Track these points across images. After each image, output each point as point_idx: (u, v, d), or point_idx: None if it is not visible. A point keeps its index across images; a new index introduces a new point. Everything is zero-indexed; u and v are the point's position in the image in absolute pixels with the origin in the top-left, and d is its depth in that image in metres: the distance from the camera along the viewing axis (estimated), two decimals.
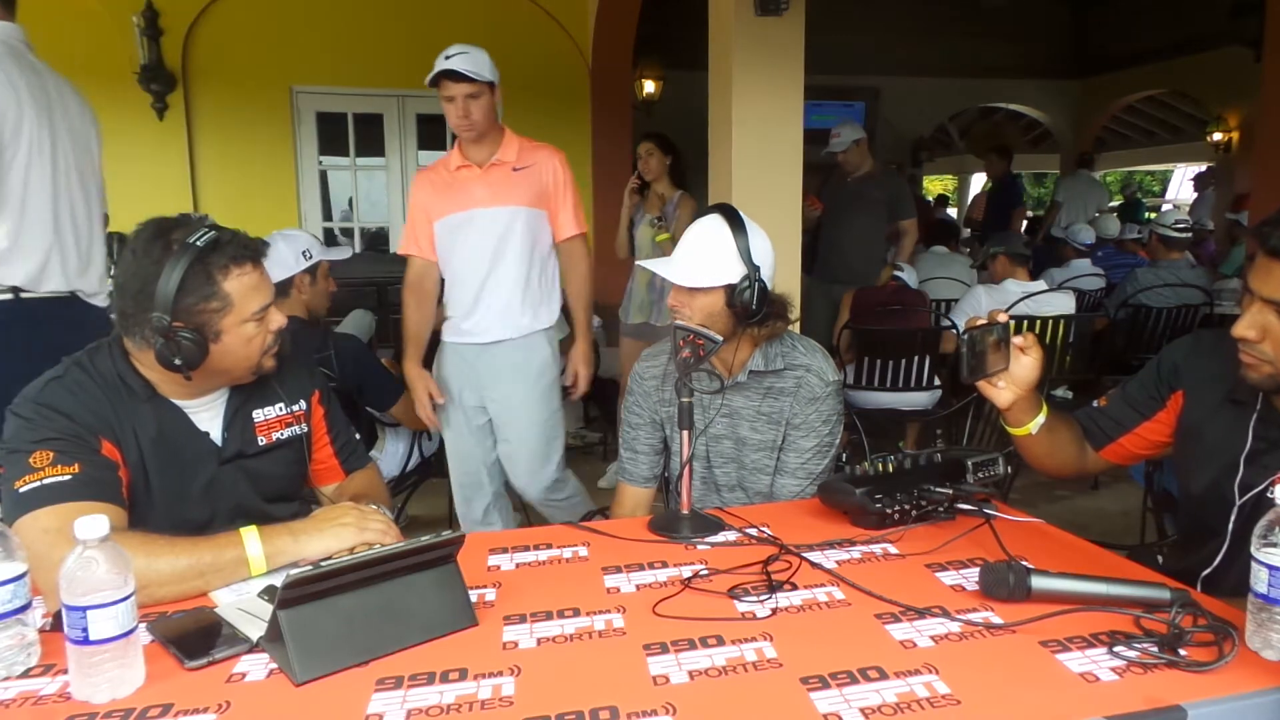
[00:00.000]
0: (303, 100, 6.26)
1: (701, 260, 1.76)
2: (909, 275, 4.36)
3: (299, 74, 6.14)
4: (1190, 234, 5.09)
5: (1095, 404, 1.65)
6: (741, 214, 1.79)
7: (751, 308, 1.74)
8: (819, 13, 3.31)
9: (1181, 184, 16.33)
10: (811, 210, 4.66)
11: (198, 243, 1.40)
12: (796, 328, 2.01)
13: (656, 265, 1.83)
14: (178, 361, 1.39)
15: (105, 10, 5.54)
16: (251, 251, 1.47)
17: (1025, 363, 1.46)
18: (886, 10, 9.15)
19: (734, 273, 1.74)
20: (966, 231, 8.84)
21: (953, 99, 10.86)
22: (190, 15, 5.77)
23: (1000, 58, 10.02)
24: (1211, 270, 5.96)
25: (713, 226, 1.78)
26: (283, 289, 2.57)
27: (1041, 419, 1.53)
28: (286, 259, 2.58)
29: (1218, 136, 9.23)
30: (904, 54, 9.51)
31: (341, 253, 2.93)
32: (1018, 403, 1.49)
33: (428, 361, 2.79)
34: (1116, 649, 1.08)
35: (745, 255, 1.74)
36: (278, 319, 1.52)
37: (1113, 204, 11.69)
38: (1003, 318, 1.44)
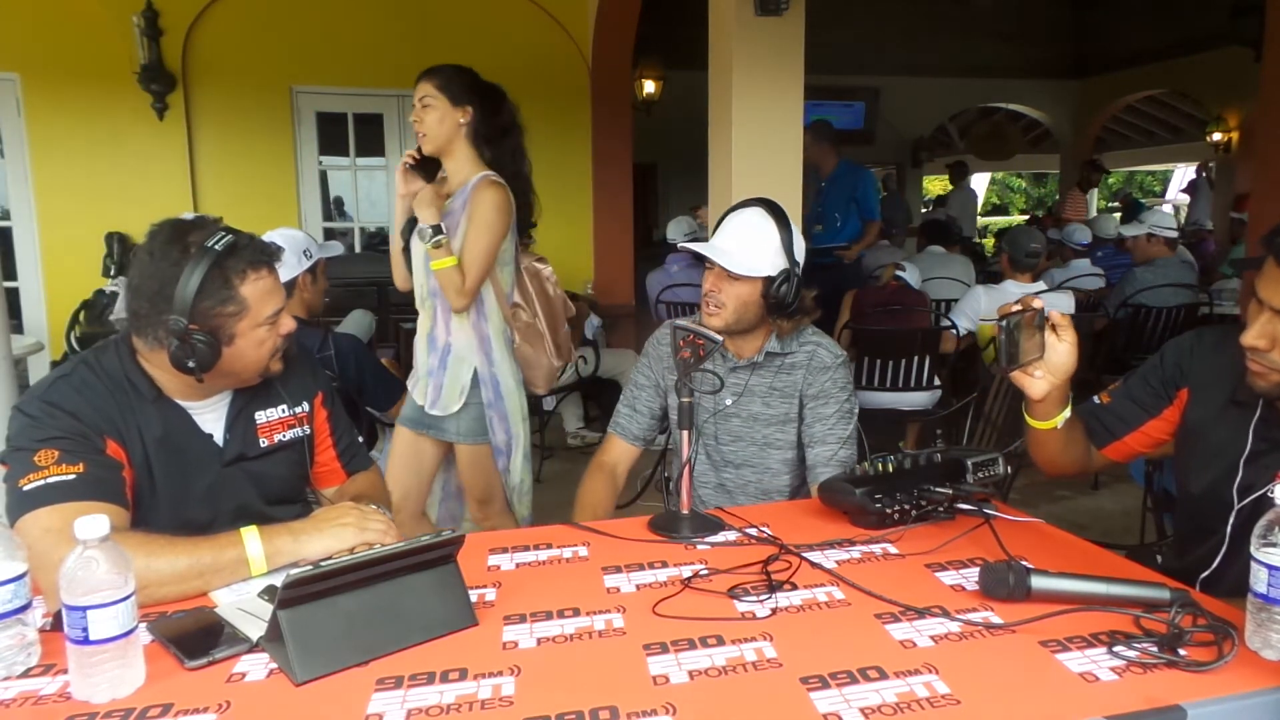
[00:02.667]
0: (303, 100, 6.25)
1: (748, 248, 1.80)
2: (911, 275, 4.36)
3: (299, 74, 6.13)
4: (1176, 231, 5.10)
5: (1096, 400, 1.62)
6: (782, 208, 1.85)
7: (786, 301, 1.80)
8: (819, 13, 3.31)
9: (1180, 186, 16.32)
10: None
11: (216, 246, 1.40)
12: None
13: (696, 246, 1.85)
14: (191, 364, 1.39)
15: (105, 10, 5.53)
16: (267, 256, 1.48)
17: (1061, 349, 1.40)
18: (886, 10, 9.15)
19: (774, 266, 1.80)
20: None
21: (953, 99, 10.87)
22: (190, 15, 5.76)
23: (1000, 58, 10.02)
24: (1212, 270, 5.96)
25: (757, 218, 1.84)
26: (287, 289, 2.57)
27: (1068, 413, 1.47)
28: (290, 259, 2.57)
29: (1218, 136, 9.24)
30: (904, 54, 9.52)
31: (334, 249, 2.97)
32: (1051, 393, 1.43)
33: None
34: (1116, 649, 1.08)
35: (788, 250, 1.81)
36: (288, 323, 1.52)
37: (1111, 206, 11.68)
38: (1038, 304, 1.37)
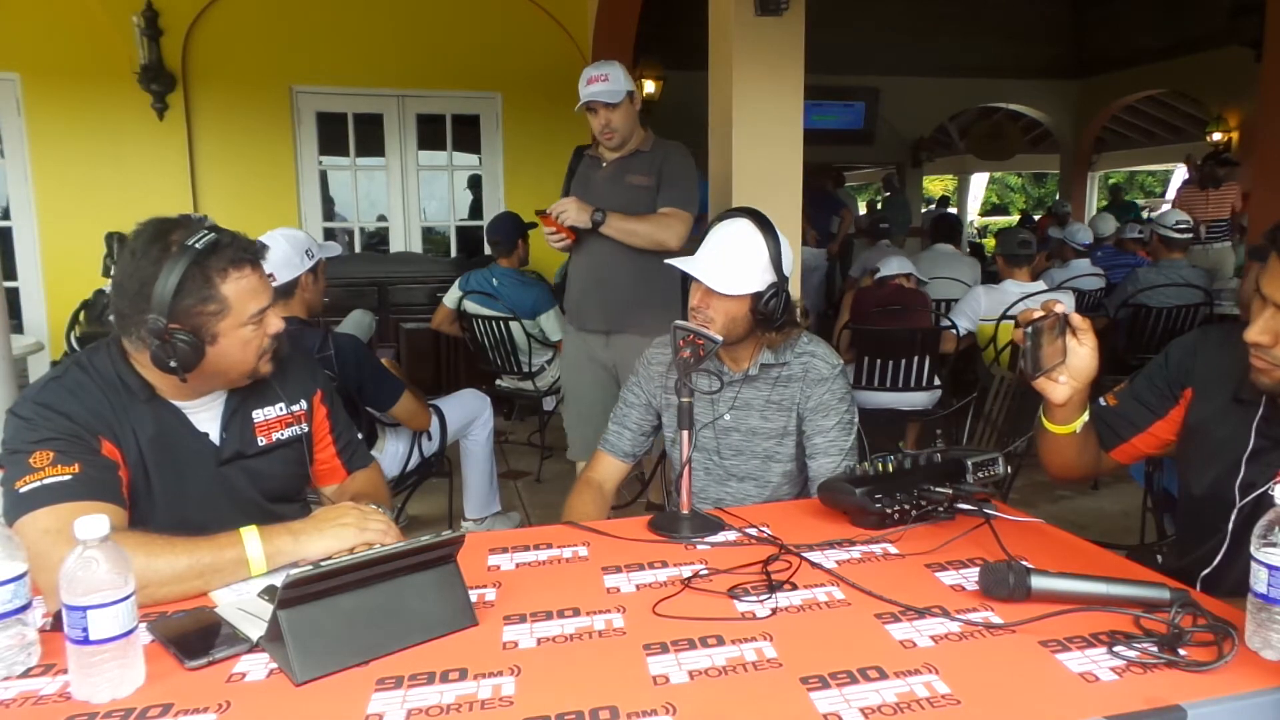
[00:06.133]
0: (303, 100, 6.26)
1: (735, 265, 1.77)
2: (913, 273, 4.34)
3: (299, 74, 6.14)
4: (1191, 234, 5.06)
5: (1102, 402, 1.61)
6: (770, 220, 1.81)
7: (775, 316, 1.78)
8: (819, 12, 3.31)
9: (1179, 187, 16.29)
10: (558, 239, 2.89)
11: (196, 245, 1.39)
12: None
13: (682, 264, 1.82)
14: (173, 364, 1.39)
15: (105, 10, 5.53)
16: (251, 254, 1.46)
17: (1083, 354, 1.39)
18: (886, 10, 9.16)
19: (763, 281, 1.77)
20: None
21: (953, 99, 10.88)
22: (190, 15, 5.77)
23: (1000, 58, 10.03)
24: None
25: (745, 231, 1.79)
26: (288, 289, 2.57)
27: (1086, 417, 1.47)
28: (293, 259, 2.57)
29: (1218, 136, 9.24)
30: (904, 54, 9.52)
31: (334, 249, 2.97)
32: (1072, 398, 1.43)
33: None
34: (1116, 649, 1.08)
35: (776, 264, 1.78)
36: (275, 323, 1.51)
37: (1107, 206, 11.69)
38: (1060, 308, 1.37)
